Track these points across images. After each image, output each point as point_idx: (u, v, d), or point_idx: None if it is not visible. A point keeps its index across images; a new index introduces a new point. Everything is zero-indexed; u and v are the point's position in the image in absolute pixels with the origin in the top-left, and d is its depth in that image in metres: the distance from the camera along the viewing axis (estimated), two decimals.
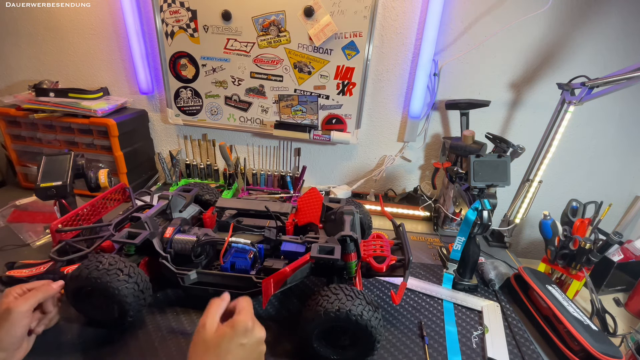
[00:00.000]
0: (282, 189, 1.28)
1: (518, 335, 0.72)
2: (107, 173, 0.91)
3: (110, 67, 1.24)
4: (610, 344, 0.64)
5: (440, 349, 0.68)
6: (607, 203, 0.90)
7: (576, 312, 0.71)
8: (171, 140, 1.35)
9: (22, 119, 1.09)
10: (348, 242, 0.66)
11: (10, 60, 1.26)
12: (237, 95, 1.22)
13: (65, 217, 0.77)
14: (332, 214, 0.81)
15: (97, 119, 1.07)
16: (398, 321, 0.74)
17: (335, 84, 1.16)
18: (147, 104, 1.29)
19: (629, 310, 0.89)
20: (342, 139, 1.22)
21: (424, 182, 1.32)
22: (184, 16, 1.11)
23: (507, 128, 1.20)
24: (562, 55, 1.07)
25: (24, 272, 0.75)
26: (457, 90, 1.16)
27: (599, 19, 1.01)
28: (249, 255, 0.72)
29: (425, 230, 1.15)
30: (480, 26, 1.06)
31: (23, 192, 1.17)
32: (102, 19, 1.16)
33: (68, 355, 0.60)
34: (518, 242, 1.40)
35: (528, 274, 0.81)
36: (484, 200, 0.79)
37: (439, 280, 0.87)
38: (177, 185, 1.25)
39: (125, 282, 0.60)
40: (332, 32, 1.07)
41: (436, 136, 1.24)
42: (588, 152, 1.20)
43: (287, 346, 0.64)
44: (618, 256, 0.92)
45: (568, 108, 0.92)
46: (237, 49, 1.14)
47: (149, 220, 0.73)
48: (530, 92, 1.13)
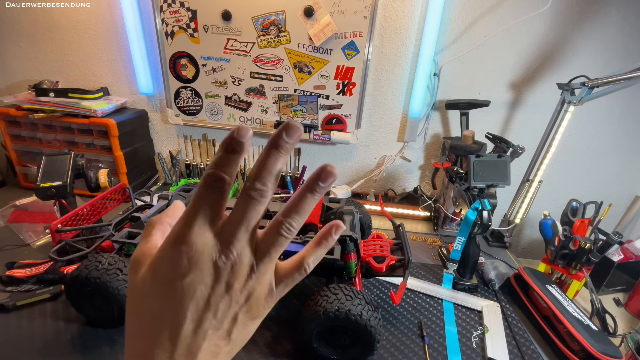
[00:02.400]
0: (282, 189, 1.28)
1: (518, 335, 0.72)
2: (107, 173, 0.91)
3: (110, 67, 1.24)
4: (610, 344, 0.64)
5: (440, 349, 0.68)
6: (607, 203, 0.90)
7: (576, 312, 0.71)
8: (171, 140, 1.35)
9: (22, 119, 1.09)
10: (348, 242, 0.66)
11: (11, 60, 1.26)
12: (237, 95, 1.22)
13: (65, 217, 0.77)
14: (332, 213, 0.81)
15: (97, 119, 1.07)
16: (398, 321, 0.74)
17: (335, 84, 1.16)
18: (147, 104, 1.29)
19: (629, 310, 0.89)
20: (342, 139, 1.22)
21: (424, 182, 1.32)
22: (184, 16, 1.11)
23: (507, 128, 1.20)
24: (562, 55, 1.07)
25: (24, 272, 0.75)
26: (457, 90, 1.16)
27: (599, 18, 1.01)
28: None
29: (425, 230, 1.15)
30: (480, 26, 1.06)
31: (23, 192, 1.17)
32: (102, 19, 1.16)
33: (68, 355, 0.60)
34: (518, 242, 1.40)
35: (528, 274, 0.81)
36: (484, 200, 0.79)
37: (439, 280, 0.87)
38: (177, 185, 1.25)
39: (125, 282, 0.60)
40: (332, 32, 1.07)
41: (436, 136, 1.24)
42: (588, 152, 1.20)
43: (287, 346, 0.64)
44: (618, 256, 0.92)
45: (568, 108, 0.92)
46: (237, 49, 1.14)
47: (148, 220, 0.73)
48: (530, 92, 1.13)
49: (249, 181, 0.23)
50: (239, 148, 0.22)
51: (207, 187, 0.22)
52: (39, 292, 0.70)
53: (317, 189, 0.23)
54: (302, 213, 0.24)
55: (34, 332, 0.64)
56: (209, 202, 0.23)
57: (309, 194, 0.23)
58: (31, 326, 0.65)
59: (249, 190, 0.22)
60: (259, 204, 0.23)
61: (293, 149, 0.25)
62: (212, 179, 0.22)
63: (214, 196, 0.23)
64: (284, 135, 0.22)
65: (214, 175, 0.22)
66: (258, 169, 0.22)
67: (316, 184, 0.23)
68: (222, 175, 0.22)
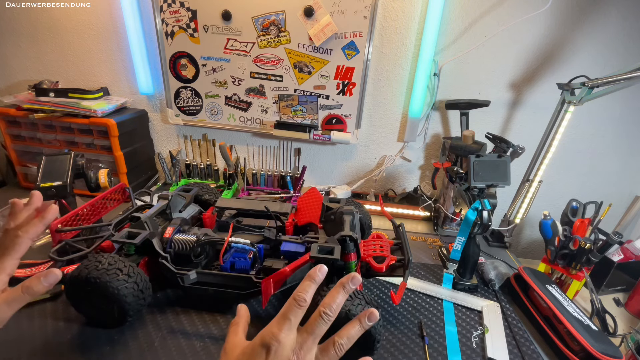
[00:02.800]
0: (282, 189, 1.28)
1: (518, 335, 0.72)
2: (107, 173, 0.91)
3: (110, 67, 1.24)
4: (610, 344, 0.64)
5: (440, 349, 0.68)
6: (607, 203, 0.90)
7: (576, 312, 0.71)
8: (171, 140, 1.35)
9: (22, 119, 1.09)
10: (348, 242, 0.66)
11: (11, 60, 1.26)
12: (237, 95, 1.22)
13: (65, 217, 0.77)
14: (331, 214, 0.81)
15: (97, 119, 1.07)
16: (398, 321, 0.74)
17: (335, 84, 1.16)
18: (147, 104, 1.29)
19: (629, 310, 0.89)
20: (342, 139, 1.22)
21: (424, 182, 1.32)
22: (184, 16, 1.11)
23: (507, 128, 1.20)
24: (562, 55, 1.07)
25: (24, 272, 0.75)
26: (457, 90, 1.16)
27: (599, 18, 1.01)
28: (249, 255, 0.72)
29: (425, 230, 1.15)
30: (480, 26, 1.06)
31: (23, 192, 1.17)
32: (102, 19, 1.16)
33: (68, 355, 0.60)
34: (518, 242, 1.40)
35: (528, 274, 0.81)
36: (484, 200, 0.79)
37: (439, 280, 0.87)
38: (177, 185, 1.25)
39: (125, 282, 0.60)
40: (332, 32, 1.07)
41: (436, 136, 1.24)
42: (588, 152, 1.20)
43: None
44: (618, 256, 0.92)
45: (568, 108, 0.92)
46: (237, 49, 1.14)
47: (148, 220, 0.73)
48: (530, 92, 1.13)
49: (323, 307, 0.35)
50: (317, 279, 0.37)
51: (295, 304, 0.35)
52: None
53: (364, 324, 0.37)
54: (351, 340, 0.36)
55: (34, 332, 0.64)
56: (296, 315, 0.35)
57: (358, 326, 0.37)
58: (31, 326, 0.65)
59: (322, 314, 0.35)
60: (325, 325, 0.35)
61: (351, 291, 0.39)
62: (300, 299, 0.35)
63: (298, 311, 0.35)
64: (349, 281, 0.37)
65: (301, 297, 0.35)
66: (329, 300, 0.36)
67: (364, 320, 0.37)
68: (305, 297, 0.35)
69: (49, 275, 0.38)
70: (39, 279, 0.38)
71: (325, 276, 0.38)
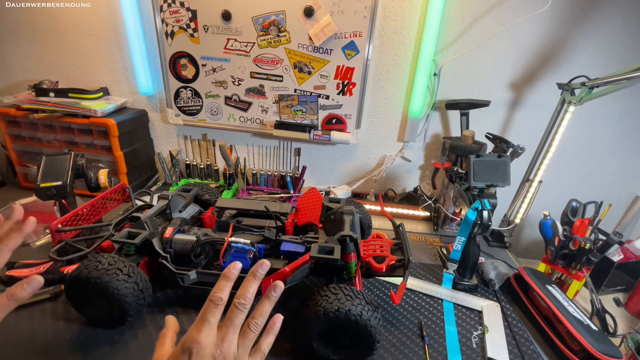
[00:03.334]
0: (282, 189, 1.28)
1: (518, 335, 0.72)
2: (107, 173, 0.91)
3: (110, 67, 1.24)
4: (610, 344, 0.64)
5: (440, 349, 0.68)
6: (607, 203, 0.90)
7: (576, 312, 0.71)
8: (171, 140, 1.35)
9: (22, 119, 1.09)
10: (348, 242, 0.66)
11: (11, 60, 1.26)
12: (237, 95, 1.22)
13: (65, 217, 0.77)
14: (331, 214, 0.81)
15: (97, 119, 1.07)
16: (398, 321, 0.74)
17: (335, 84, 1.16)
18: (147, 104, 1.29)
19: (629, 310, 0.89)
20: (342, 139, 1.22)
21: (424, 182, 1.32)
22: (184, 16, 1.11)
23: (507, 128, 1.20)
24: (562, 55, 1.07)
25: (24, 272, 0.75)
26: (457, 90, 1.15)
27: (599, 19, 1.01)
28: (249, 255, 0.72)
29: (425, 230, 1.15)
30: (480, 26, 1.06)
31: (23, 192, 1.17)
32: (102, 19, 1.16)
33: (68, 355, 0.60)
34: (518, 242, 1.40)
35: (528, 274, 0.81)
36: (484, 200, 0.79)
37: (439, 280, 0.87)
38: (177, 185, 1.25)
39: (125, 282, 0.60)
40: (332, 32, 1.07)
41: (436, 136, 1.24)
42: (588, 152, 1.20)
43: (287, 346, 0.64)
44: (618, 256, 0.92)
45: (568, 108, 0.92)
46: (237, 49, 1.14)
47: (148, 220, 0.73)
48: (530, 92, 1.13)
49: (237, 298, 0.37)
50: (232, 276, 0.39)
51: (212, 304, 0.36)
52: (39, 292, 0.70)
53: (272, 297, 0.40)
54: (264, 316, 0.39)
55: (34, 332, 0.64)
56: (213, 314, 0.36)
57: (267, 302, 0.40)
58: (31, 326, 0.65)
59: (237, 305, 0.37)
60: (242, 313, 0.37)
61: (262, 279, 0.41)
62: (216, 298, 0.36)
63: (215, 310, 0.36)
64: (259, 269, 0.40)
65: (216, 297, 0.36)
66: (243, 291, 0.38)
67: (270, 294, 0.40)
68: (221, 296, 0.37)
69: (32, 282, 0.40)
70: (22, 286, 0.40)
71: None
